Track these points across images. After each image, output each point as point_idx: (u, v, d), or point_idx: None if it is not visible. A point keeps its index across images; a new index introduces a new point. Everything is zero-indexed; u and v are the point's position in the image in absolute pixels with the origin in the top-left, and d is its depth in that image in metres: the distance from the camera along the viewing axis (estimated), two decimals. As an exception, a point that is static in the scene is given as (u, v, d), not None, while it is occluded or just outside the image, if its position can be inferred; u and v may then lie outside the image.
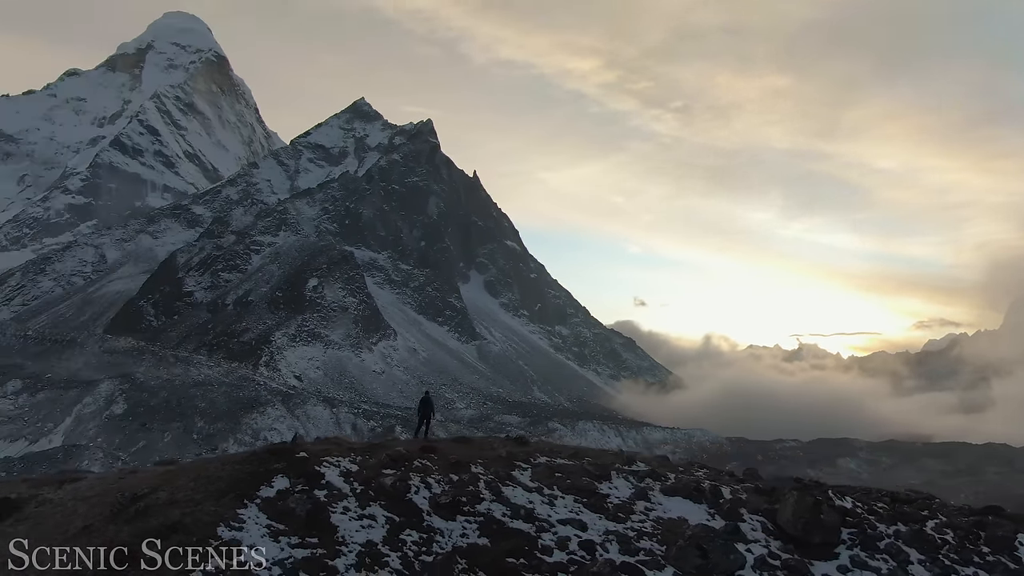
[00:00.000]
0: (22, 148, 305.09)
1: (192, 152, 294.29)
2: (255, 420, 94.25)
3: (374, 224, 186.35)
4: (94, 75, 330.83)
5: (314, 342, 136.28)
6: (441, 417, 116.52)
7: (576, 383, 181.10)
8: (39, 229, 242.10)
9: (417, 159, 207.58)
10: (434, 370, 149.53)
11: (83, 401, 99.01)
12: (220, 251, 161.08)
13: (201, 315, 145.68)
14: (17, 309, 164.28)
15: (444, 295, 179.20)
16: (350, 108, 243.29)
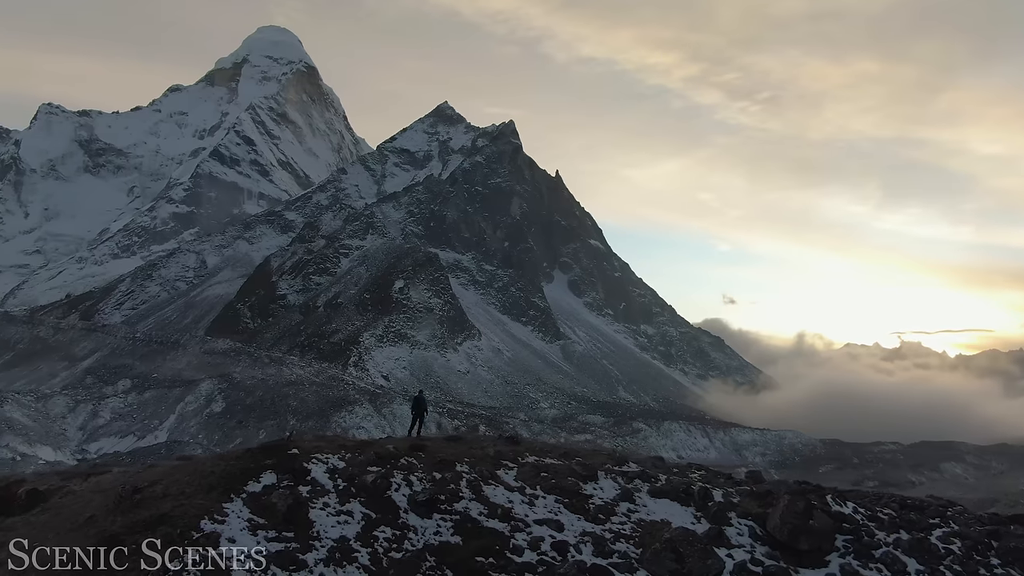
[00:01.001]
0: (131, 161, 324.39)
1: (285, 160, 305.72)
2: (344, 418, 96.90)
3: (458, 226, 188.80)
4: (195, 90, 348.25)
5: (400, 343, 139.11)
6: (524, 416, 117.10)
7: (662, 383, 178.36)
8: (147, 237, 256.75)
9: (500, 160, 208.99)
10: (518, 370, 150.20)
11: (185, 399, 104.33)
12: (311, 255, 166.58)
13: (294, 317, 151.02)
14: (127, 313, 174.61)
15: (528, 295, 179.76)
16: (434, 112, 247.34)
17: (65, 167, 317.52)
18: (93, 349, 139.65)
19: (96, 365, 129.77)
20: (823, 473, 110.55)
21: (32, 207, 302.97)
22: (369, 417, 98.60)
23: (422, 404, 25.36)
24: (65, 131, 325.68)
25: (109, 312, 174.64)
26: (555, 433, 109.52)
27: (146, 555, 11.23)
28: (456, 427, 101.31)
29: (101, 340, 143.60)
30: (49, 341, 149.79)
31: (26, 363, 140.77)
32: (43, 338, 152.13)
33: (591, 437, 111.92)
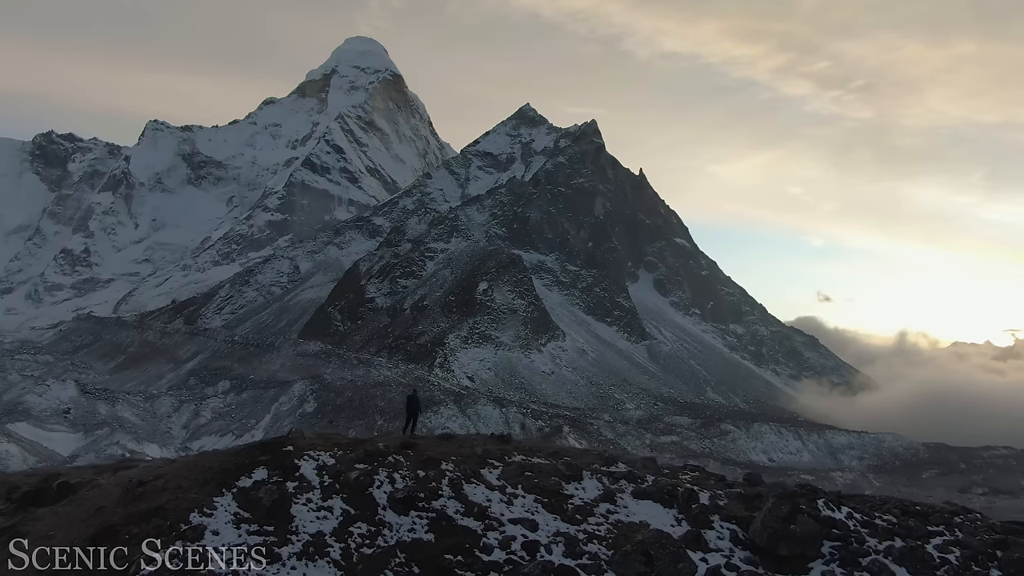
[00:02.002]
0: (229, 172, 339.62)
1: (373, 167, 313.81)
2: (429, 419, 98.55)
3: (541, 227, 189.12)
4: (287, 102, 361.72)
5: (485, 344, 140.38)
6: (609, 418, 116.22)
7: (753, 384, 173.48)
8: (244, 244, 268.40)
9: (582, 160, 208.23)
10: (603, 370, 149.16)
11: (280, 400, 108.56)
12: (397, 259, 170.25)
13: (381, 320, 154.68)
14: (227, 317, 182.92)
15: (612, 295, 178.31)
16: (516, 114, 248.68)
17: (170, 180, 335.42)
18: (196, 352, 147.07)
19: (198, 367, 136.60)
20: (926, 479, 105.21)
21: (141, 218, 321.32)
22: (454, 417, 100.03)
23: (416, 403, 25.54)
24: (170, 146, 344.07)
25: (210, 316, 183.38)
26: (640, 435, 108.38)
27: (135, 546, 11.78)
28: (540, 428, 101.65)
29: (203, 343, 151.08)
30: (156, 344, 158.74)
31: (136, 365, 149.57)
32: (151, 342, 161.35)
33: (677, 439, 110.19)
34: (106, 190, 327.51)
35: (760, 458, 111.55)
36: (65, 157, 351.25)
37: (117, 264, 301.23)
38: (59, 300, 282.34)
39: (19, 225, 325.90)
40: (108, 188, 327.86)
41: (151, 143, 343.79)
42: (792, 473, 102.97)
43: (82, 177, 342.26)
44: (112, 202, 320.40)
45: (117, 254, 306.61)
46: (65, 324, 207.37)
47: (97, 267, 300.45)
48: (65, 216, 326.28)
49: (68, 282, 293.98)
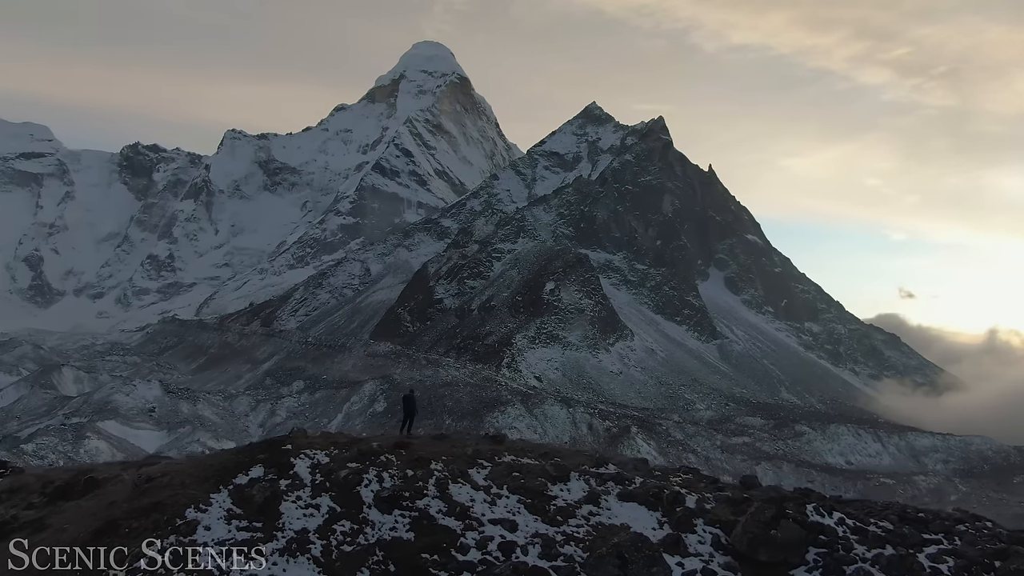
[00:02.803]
0: (303, 178, 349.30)
1: (441, 169, 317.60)
2: (496, 419, 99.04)
3: (609, 226, 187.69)
4: (357, 108, 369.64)
5: (552, 344, 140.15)
6: (679, 418, 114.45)
7: (829, 384, 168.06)
8: (318, 248, 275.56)
9: (650, 158, 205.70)
10: (673, 370, 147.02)
11: (351, 399, 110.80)
12: (465, 260, 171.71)
13: (450, 320, 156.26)
14: (301, 319, 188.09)
15: (682, 294, 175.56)
16: (582, 113, 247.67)
17: (248, 187, 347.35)
18: (272, 353, 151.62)
19: (274, 367, 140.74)
20: (1017, 483, 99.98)
21: (221, 224, 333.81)
22: (521, 417, 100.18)
23: (412, 403, 25.68)
24: (247, 154, 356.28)
25: (286, 318, 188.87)
26: (710, 436, 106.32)
27: (134, 539, 12.22)
28: (607, 429, 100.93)
29: (279, 344, 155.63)
30: (235, 346, 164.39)
31: (216, 366, 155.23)
32: (230, 343, 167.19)
33: (749, 440, 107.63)
34: (188, 198, 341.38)
35: (837, 460, 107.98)
36: (150, 167, 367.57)
37: (199, 269, 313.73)
38: (146, 304, 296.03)
39: (109, 233, 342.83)
40: (190, 196, 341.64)
41: (229, 151, 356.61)
42: (871, 476, 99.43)
43: (166, 186, 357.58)
44: (194, 209, 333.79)
45: (199, 259, 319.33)
46: (151, 327, 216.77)
47: (181, 272, 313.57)
48: (151, 223, 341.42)
49: (154, 286, 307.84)
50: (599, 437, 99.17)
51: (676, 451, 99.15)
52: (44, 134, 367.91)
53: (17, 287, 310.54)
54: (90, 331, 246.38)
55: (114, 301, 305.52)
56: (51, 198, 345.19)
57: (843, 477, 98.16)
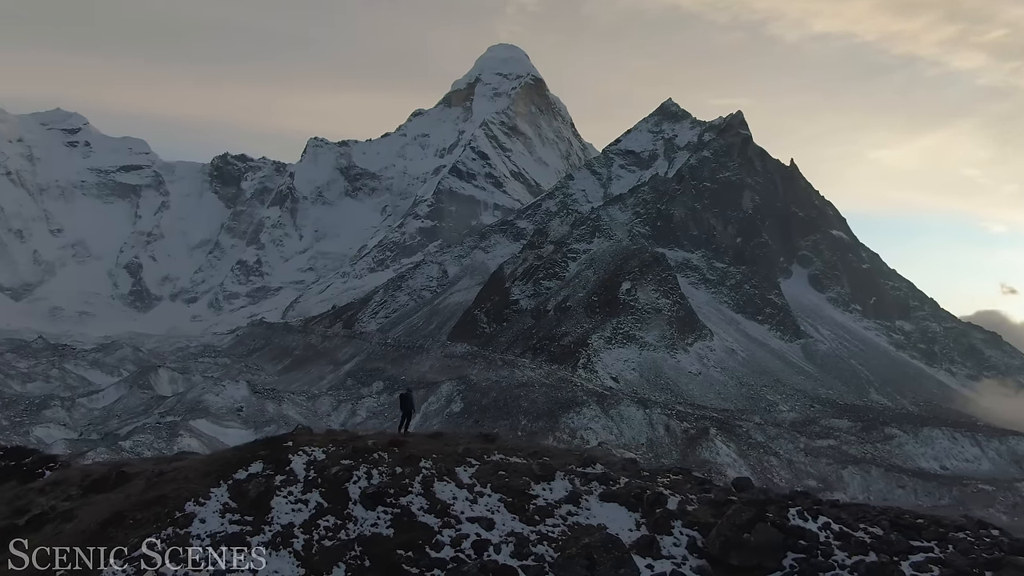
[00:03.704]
0: (383, 183, 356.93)
1: (517, 171, 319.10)
2: (572, 419, 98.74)
3: (686, 224, 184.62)
4: (434, 112, 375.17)
5: (629, 344, 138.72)
6: (760, 420, 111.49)
7: (923, 384, 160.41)
8: (397, 251, 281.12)
9: (728, 154, 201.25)
10: (754, 371, 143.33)
11: (428, 400, 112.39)
12: (540, 261, 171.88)
13: (526, 321, 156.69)
14: (381, 321, 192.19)
15: (763, 292, 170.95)
16: (658, 110, 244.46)
17: (330, 192, 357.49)
18: (353, 354, 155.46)
19: (355, 368, 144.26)
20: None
21: (305, 230, 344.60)
22: (596, 419, 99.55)
23: (409, 402, 26.02)
24: (329, 161, 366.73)
25: (366, 320, 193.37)
26: (793, 438, 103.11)
27: (135, 530, 12.67)
28: (685, 430, 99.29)
29: (359, 346, 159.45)
30: (318, 347, 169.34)
31: (300, 367, 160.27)
32: (314, 345, 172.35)
33: (835, 443, 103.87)
34: (274, 205, 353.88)
35: (931, 465, 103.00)
36: (239, 176, 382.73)
37: (285, 273, 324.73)
38: (236, 307, 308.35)
39: (201, 240, 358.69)
40: (276, 203, 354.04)
41: (312, 159, 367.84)
42: (968, 483, 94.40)
43: (253, 194, 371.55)
44: (279, 216, 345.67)
45: (285, 264, 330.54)
46: (241, 329, 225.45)
47: (268, 276, 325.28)
48: (240, 230, 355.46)
49: (243, 291, 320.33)
50: (676, 439, 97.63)
51: (757, 454, 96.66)
52: (141, 148, 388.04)
53: (119, 293, 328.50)
54: (185, 334, 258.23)
55: (207, 305, 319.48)
56: (148, 208, 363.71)
57: (937, 483, 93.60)
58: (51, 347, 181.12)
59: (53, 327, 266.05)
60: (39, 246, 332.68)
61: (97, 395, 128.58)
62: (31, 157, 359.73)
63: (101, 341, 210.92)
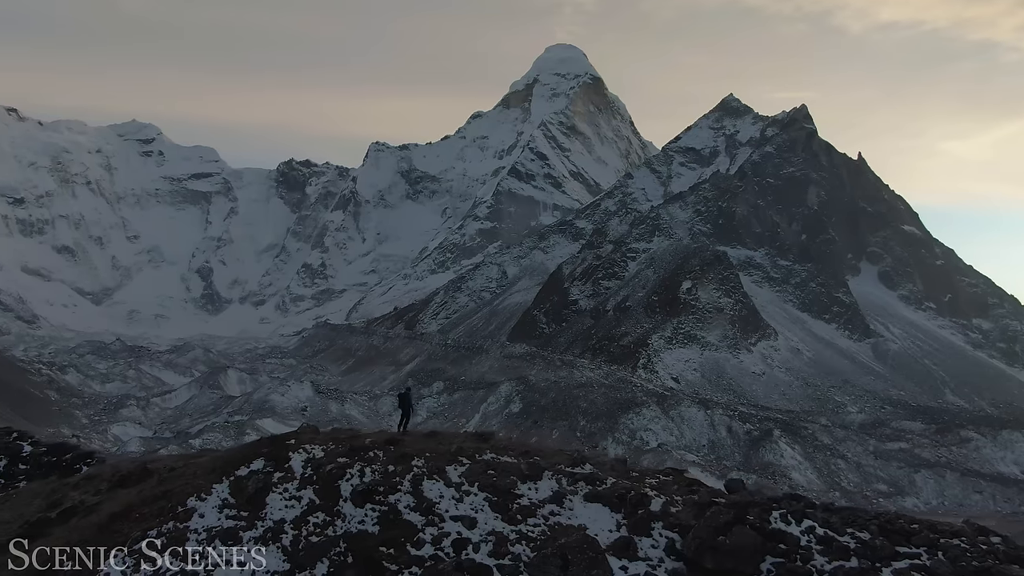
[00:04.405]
0: (443, 185, 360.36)
1: (576, 171, 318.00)
2: (631, 420, 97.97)
3: (749, 221, 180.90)
4: (493, 114, 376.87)
5: (690, 344, 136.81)
6: (827, 421, 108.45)
7: (1002, 385, 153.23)
8: (458, 253, 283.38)
9: (792, 148, 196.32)
10: (821, 371, 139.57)
11: (488, 400, 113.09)
12: (599, 260, 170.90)
13: (585, 321, 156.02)
14: (442, 322, 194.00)
15: (830, 290, 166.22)
16: (719, 106, 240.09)
17: (391, 196, 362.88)
18: (414, 355, 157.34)
19: (416, 369, 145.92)
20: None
21: (367, 233, 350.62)
22: (656, 419, 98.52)
23: (408, 401, 26.30)
24: (390, 164, 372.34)
25: (427, 322, 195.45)
26: (862, 440, 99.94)
27: (140, 522, 13.02)
28: (747, 431, 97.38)
29: (420, 347, 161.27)
30: (380, 348, 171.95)
31: (363, 368, 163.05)
32: (376, 346, 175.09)
33: (907, 446, 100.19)
34: (337, 209, 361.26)
35: (1011, 470, 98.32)
36: (303, 181, 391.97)
37: (348, 276, 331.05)
38: (302, 309, 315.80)
39: (269, 244, 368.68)
40: (339, 207, 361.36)
41: (374, 163, 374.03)
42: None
43: (317, 198, 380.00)
44: (343, 219, 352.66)
45: (348, 266, 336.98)
46: (306, 331, 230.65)
47: (332, 279, 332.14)
48: (305, 234, 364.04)
49: (309, 293, 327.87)
50: (739, 440, 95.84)
51: (823, 456, 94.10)
52: (211, 156, 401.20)
53: (191, 296, 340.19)
54: (253, 336, 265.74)
55: (274, 308, 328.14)
56: (218, 214, 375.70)
57: (1017, 488, 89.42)
58: (128, 349, 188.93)
59: (130, 329, 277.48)
60: (117, 252, 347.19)
61: (170, 395, 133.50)
62: (109, 167, 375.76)
63: (175, 343, 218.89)
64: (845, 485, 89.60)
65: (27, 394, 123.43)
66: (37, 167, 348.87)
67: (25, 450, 21.31)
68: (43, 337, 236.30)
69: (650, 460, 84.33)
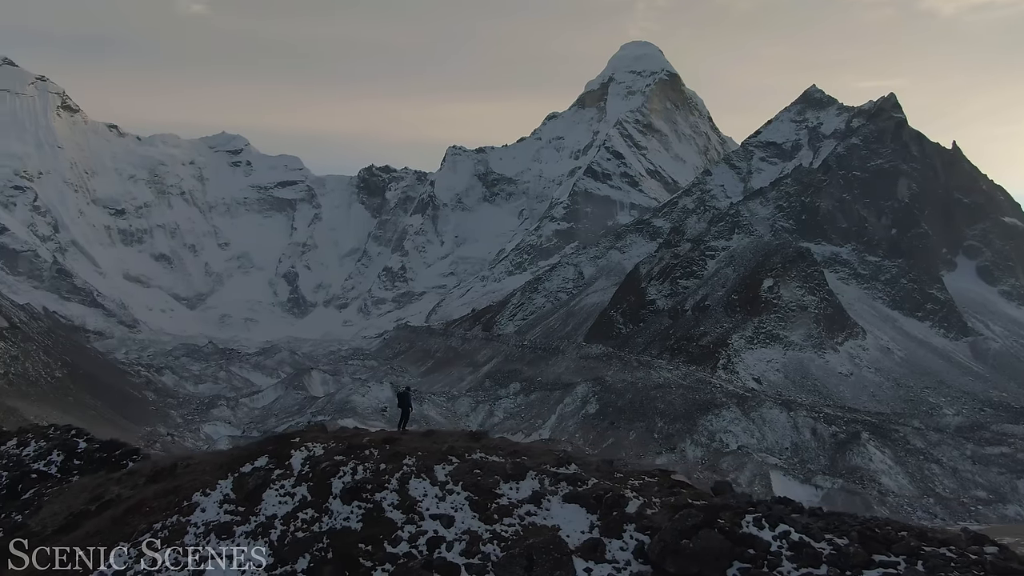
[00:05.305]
0: (519, 187, 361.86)
1: (653, 169, 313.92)
2: (710, 422, 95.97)
3: (834, 216, 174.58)
4: (568, 115, 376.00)
5: (772, 344, 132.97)
6: (920, 424, 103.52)
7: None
8: (534, 254, 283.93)
9: (880, 139, 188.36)
10: (913, 371, 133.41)
11: (564, 401, 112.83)
12: (677, 259, 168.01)
13: (663, 321, 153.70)
14: (519, 323, 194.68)
15: (923, 286, 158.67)
16: (801, 98, 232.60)
17: (468, 199, 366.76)
18: (491, 356, 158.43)
19: (493, 370, 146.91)
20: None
21: (446, 236, 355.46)
22: (737, 421, 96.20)
23: (407, 400, 26.70)
24: (467, 168, 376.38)
25: (504, 323, 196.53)
26: (959, 444, 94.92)
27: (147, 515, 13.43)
28: (833, 434, 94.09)
29: (497, 348, 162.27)
30: (458, 350, 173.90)
31: (441, 369, 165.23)
32: (454, 347, 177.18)
33: (1009, 450, 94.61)
34: (416, 213, 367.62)
35: None
36: (383, 187, 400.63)
37: (428, 278, 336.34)
38: (383, 312, 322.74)
39: (351, 249, 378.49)
40: (418, 211, 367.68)
41: (451, 167, 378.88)
42: None
43: (397, 203, 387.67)
44: (422, 223, 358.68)
45: (427, 269, 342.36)
46: (388, 333, 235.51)
47: (412, 282, 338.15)
48: (385, 238, 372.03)
49: (389, 296, 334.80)
50: (824, 443, 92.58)
51: (916, 461, 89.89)
52: (295, 164, 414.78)
53: (278, 300, 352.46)
54: (337, 338, 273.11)
55: (356, 310, 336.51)
56: (303, 220, 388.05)
57: None
58: (219, 351, 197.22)
59: (222, 333, 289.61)
60: (209, 259, 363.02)
61: (258, 395, 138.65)
62: (201, 178, 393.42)
63: (263, 345, 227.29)
64: (940, 491, 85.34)
65: (127, 395, 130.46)
66: (136, 180, 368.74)
67: (80, 446, 22.98)
68: (143, 341, 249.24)
69: (729, 463, 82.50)
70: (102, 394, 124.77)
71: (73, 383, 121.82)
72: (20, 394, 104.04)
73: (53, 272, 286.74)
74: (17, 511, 18.86)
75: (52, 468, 22.03)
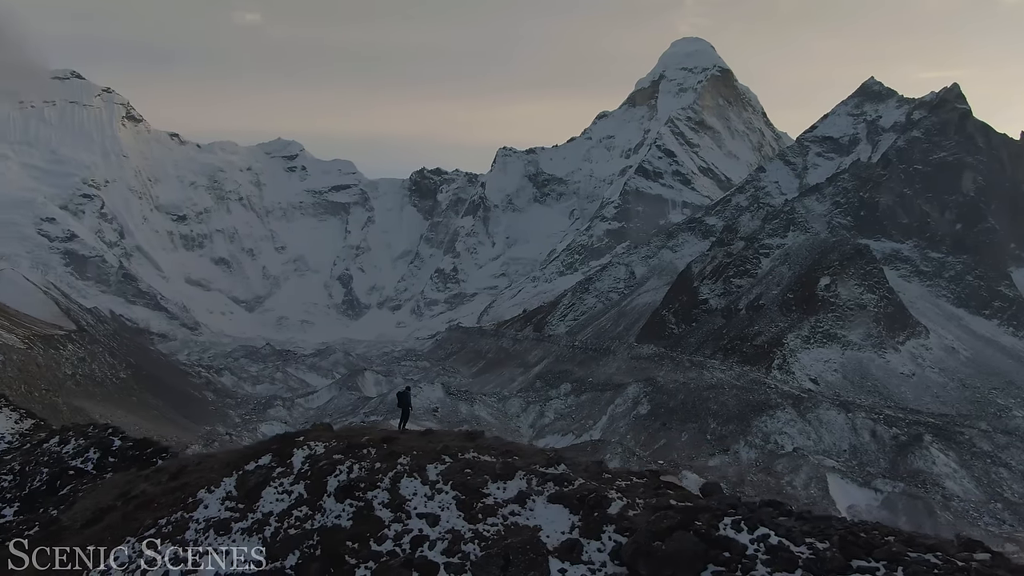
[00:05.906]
0: (570, 187, 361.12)
1: (706, 167, 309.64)
2: (764, 423, 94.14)
3: (894, 212, 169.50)
4: (618, 113, 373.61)
5: (830, 343, 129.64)
6: (987, 426, 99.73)
7: None
8: (585, 254, 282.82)
9: (943, 131, 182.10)
10: (980, 371, 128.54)
11: (615, 402, 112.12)
12: (730, 258, 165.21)
13: (716, 321, 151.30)
14: (570, 324, 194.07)
15: (991, 283, 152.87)
16: (858, 91, 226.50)
17: (519, 200, 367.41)
18: (542, 356, 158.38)
19: (544, 371, 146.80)
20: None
21: (497, 237, 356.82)
22: (792, 423, 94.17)
23: (407, 399, 26.85)
24: (517, 169, 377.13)
25: (555, 323, 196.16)
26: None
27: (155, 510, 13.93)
28: (894, 436, 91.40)
29: (548, 348, 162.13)
30: (509, 350, 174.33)
31: (493, 370, 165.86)
32: (505, 348, 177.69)
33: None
34: (467, 214, 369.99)
35: None
36: (435, 189, 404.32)
37: (479, 279, 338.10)
38: (436, 313, 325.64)
39: (404, 251, 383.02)
40: (469, 212, 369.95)
41: (502, 168, 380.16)
42: None
43: (448, 205, 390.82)
44: (473, 225, 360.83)
45: (479, 270, 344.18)
46: (440, 334, 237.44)
47: (463, 283, 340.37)
48: (437, 240, 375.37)
49: (442, 297, 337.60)
50: (884, 446, 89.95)
51: (982, 464, 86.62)
52: (349, 168, 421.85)
53: (333, 302, 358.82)
54: (390, 339, 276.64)
55: (409, 312, 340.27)
56: (356, 223, 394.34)
57: None
58: (276, 353, 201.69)
59: (279, 335, 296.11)
60: (267, 262, 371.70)
61: (313, 395, 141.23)
62: (258, 183, 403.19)
63: (318, 347, 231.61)
64: (1009, 496, 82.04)
65: (188, 395, 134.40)
66: (196, 186, 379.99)
67: (115, 444, 23.87)
68: (204, 343, 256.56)
69: (784, 465, 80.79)
70: (164, 394, 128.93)
71: (137, 384, 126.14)
72: (87, 394, 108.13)
73: (119, 277, 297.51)
74: (54, 506, 19.94)
75: (88, 465, 23.11)
